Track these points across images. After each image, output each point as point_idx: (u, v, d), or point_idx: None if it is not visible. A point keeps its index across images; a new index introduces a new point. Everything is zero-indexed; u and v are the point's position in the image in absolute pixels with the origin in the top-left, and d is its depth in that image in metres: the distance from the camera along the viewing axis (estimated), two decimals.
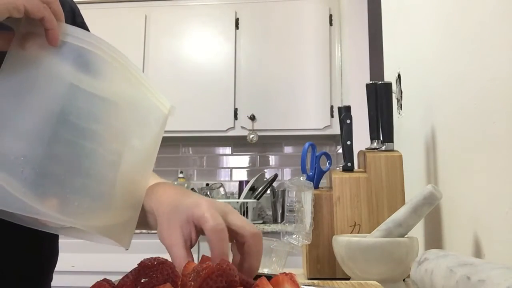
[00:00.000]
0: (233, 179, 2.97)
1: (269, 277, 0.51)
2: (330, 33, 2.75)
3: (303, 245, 0.91)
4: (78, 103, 0.43)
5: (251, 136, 2.69)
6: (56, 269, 0.71)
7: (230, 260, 0.49)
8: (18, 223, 0.45)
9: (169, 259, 0.44)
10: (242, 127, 2.72)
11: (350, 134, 0.94)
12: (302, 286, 0.54)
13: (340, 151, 1.20)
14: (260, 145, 2.93)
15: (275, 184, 2.72)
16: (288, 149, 3.00)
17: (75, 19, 0.72)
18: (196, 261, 0.49)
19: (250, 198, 2.52)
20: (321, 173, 0.97)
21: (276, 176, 2.69)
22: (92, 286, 0.40)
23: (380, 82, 0.96)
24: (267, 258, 0.89)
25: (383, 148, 0.93)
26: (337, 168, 0.95)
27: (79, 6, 0.76)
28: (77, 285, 2.15)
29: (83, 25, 0.73)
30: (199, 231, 0.49)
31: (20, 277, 0.62)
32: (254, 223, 2.38)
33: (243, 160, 3.01)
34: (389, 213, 0.82)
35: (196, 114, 2.68)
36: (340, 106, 1.00)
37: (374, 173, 0.89)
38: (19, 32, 0.41)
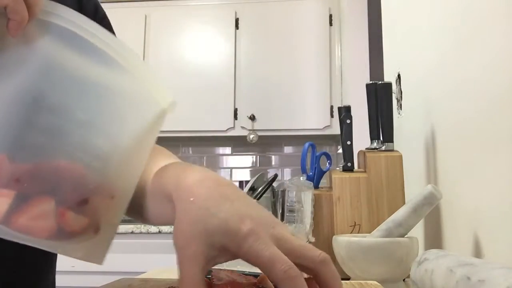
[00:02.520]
0: (233, 179, 2.97)
1: None
2: (330, 33, 2.75)
3: None
4: (58, 86, 0.39)
5: (251, 136, 2.69)
6: (56, 269, 0.71)
7: None
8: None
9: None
10: (242, 127, 2.72)
11: (350, 134, 0.94)
12: None
13: (340, 151, 1.20)
14: (260, 145, 2.93)
15: (275, 184, 2.72)
16: (288, 149, 3.00)
17: (96, 15, 0.70)
18: None
19: None
20: (321, 173, 0.98)
21: (276, 176, 2.69)
22: None
23: (380, 82, 0.96)
24: None
25: (383, 148, 0.93)
26: (337, 168, 0.95)
27: None
28: (77, 285, 2.15)
29: (102, 20, 0.70)
30: (232, 257, 0.37)
31: (21, 263, 0.61)
32: None
33: (243, 160, 3.01)
34: (389, 213, 0.82)
35: (196, 114, 2.68)
36: (340, 106, 1.00)
37: (374, 173, 0.89)
38: None
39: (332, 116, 2.66)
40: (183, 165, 0.47)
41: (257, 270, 0.42)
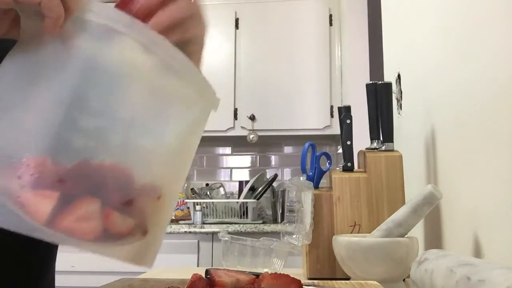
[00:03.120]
0: (233, 179, 2.97)
1: None
2: (330, 33, 2.75)
3: (303, 245, 0.91)
4: (99, 86, 0.38)
5: (251, 136, 2.69)
6: (56, 269, 0.71)
7: None
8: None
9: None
10: (242, 127, 2.72)
11: (350, 134, 0.94)
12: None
13: (340, 151, 1.20)
14: (260, 145, 2.93)
15: (275, 184, 2.72)
16: (288, 149, 3.00)
17: None
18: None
19: (250, 198, 2.52)
20: (321, 173, 0.97)
21: (276, 176, 2.69)
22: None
23: (380, 82, 0.96)
24: (267, 258, 0.89)
25: (383, 148, 0.93)
26: (337, 168, 0.95)
27: None
28: (77, 285, 2.15)
29: None
30: None
31: (21, 263, 0.61)
32: (254, 223, 2.39)
33: (243, 160, 3.01)
34: (389, 213, 0.82)
35: None
36: (340, 106, 1.00)
37: (374, 173, 0.89)
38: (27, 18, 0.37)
39: (332, 116, 2.66)
40: None
41: (256, 270, 0.43)
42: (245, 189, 2.58)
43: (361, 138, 1.10)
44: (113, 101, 0.39)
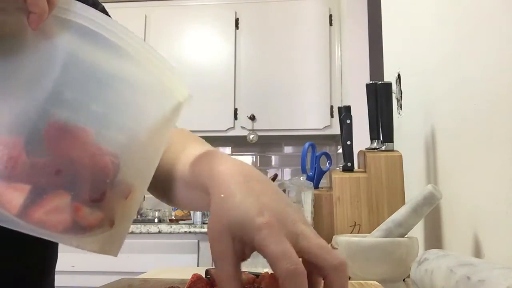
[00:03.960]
0: None
1: None
2: (330, 33, 2.75)
3: None
4: (76, 81, 0.39)
5: (251, 136, 2.69)
6: (56, 269, 0.71)
7: None
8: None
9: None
10: (242, 127, 2.72)
11: (350, 134, 0.94)
12: None
13: (340, 151, 1.20)
14: (260, 145, 2.93)
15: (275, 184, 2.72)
16: (288, 149, 3.00)
17: (97, 7, 0.70)
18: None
19: None
20: (321, 173, 0.98)
21: (276, 176, 2.69)
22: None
23: (380, 82, 0.96)
24: None
25: (383, 148, 0.93)
26: (337, 168, 0.95)
27: None
28: (77, 285, 2.15)
29: (103, 11, 0.71)
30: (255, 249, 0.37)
31: (24, 263, 0.61)
32: None
33: (243, 160, 3.01)
34: (389, 213, 0.82)
35: (196, 114, 2.68)
36: (340, 106, 1.00)
37: (374, 173, 0.89)
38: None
39: (332, 116, 2.66)
40: (217, 155, 0.46)
41: (256, 270, 0.43)
42: None
43: (361, 138, 1.10)
44: (87, 95, 0.40)
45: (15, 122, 0.37)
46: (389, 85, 0.96)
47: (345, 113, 0.95)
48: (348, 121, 0.94)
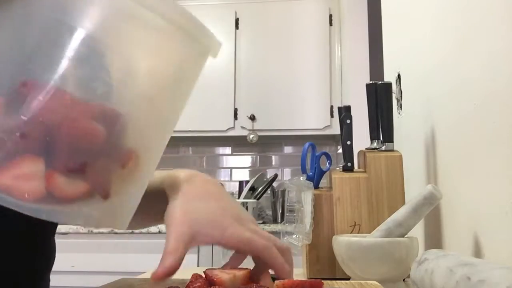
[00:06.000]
0: (233, 179, 2.97)
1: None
2: (330, 33, 2.75)
3: (303, 245, 0.91)
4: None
5: (251, 136, 2.69)
6: (56, 269, 0.71)
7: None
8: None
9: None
10: (242, 127, 2.72)
11: (350, 134, 0.94)
12: None
13: (340, 151, 1.20)
14: (260, 145, 2.93)
15: (275, 184, 2.72)
16: (288, 149, 3.00)
17: None
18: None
19: (250, 198, 2.52)
20: (321, 173, 0.97)
21: (276, 176, 2.69)
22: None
23: (380, 82, 0.96)
24: None
25: (383, 148, 0.93)
26: (337, 168, 0.95)
27: None
28: (77, 285, 2.15)
29: None
30: (213, 242, 0.47)
31: (22, 263, 0.61)
32: None
33: (243, 160, 3.01)
34: (389, 213, 0.82)
35: (196, 114, 2.68)
36: (340, 106, 1.00)
37: (374, 173, 0.89)
38: None
39: (332, 116, 2.66)
40: (170, 170, 0.54)
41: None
42: (245, 189, 2.58)
43: (361, 138, 1.10)
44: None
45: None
46: (389, 85, 0.96)
47: (345, 113, 0.95)
48: (348, 121, 0.94)
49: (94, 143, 0.34)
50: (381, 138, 0.95)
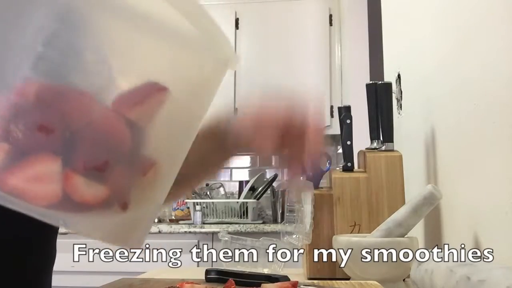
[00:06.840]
0: (233, 179, 2.97)
1: (269, 277, 0.51)
2: (330, 33, 2.75)
3: (303, 245, 0.91)
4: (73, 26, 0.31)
5: None
6: (56, 269, 0.71)
7: None
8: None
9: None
10: None
11: (350, 134, 0.94)
12: (302, 286, 0.54)
13: (340, 151, 1.20)
14: None
15: (275, 184, 2.72)
16: None
17: None
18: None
19: (250, 198, 2.52)
20: (321, 173, 0.97)
21: (276, 176, 2.69)
22: None
23: (380, 82, 0.96)
24: (266, 258, 0.89)
25: (383, 148, 0.93)
26: (337, 168, 0.95)
27: None
28: (77, 285, 2.15)
29: None
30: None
31: (22, 263, 0.61)
32: (254, 223, 2.39)
33: (243, 160, 3.01)
34: (389, 213, 0.82)
35: None
36: (340, 106, 1.00)
37: (374, 173, 0.89)
38: None
39: (332, 116, 2.66)
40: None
41: (256, 270, 0.43)
42: (245, 189, 2.58)
43: (361, 138, 1.10)
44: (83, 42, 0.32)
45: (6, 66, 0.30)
46: (389, 85, 0.96)
47: (345, 113, 0.95)
48: (348, 121, 0.94)
49: (120, 144, 0.32)
50: (381, 138, 0.95)
